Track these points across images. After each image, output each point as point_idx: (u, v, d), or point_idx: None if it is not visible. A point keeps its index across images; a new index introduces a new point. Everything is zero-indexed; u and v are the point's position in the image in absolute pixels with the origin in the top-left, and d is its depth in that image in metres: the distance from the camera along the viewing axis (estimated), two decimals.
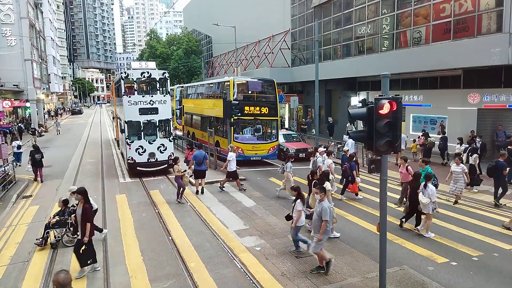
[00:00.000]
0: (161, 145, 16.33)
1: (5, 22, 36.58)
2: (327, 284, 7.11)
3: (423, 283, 6.97)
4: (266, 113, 18.79)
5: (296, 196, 8.39)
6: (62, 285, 4.06)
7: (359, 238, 9.49)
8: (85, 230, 7.42)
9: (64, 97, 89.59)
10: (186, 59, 57.36)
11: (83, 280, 7.49)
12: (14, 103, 33.49)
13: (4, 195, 13.91)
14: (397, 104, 5.78)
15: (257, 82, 19.50)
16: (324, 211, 7.20)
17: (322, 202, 7.38)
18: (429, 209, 9.40)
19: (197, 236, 9.59)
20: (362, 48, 23.75)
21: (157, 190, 14.30)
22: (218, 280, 7.33)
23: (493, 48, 15.45)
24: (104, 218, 11.22)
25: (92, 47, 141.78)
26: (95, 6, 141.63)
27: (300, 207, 8.21)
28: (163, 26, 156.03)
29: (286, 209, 11.74)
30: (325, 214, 7.20)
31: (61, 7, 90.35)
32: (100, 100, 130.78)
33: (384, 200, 6.31)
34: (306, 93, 32.26)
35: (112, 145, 26.90)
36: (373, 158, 6.24)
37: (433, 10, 18.40)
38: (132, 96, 16.00)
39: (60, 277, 4.09)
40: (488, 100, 17.96)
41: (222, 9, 47.97)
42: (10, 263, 8.36)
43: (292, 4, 31.63)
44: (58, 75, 68.89)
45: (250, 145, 18.61)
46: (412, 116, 22.11)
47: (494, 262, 8.07)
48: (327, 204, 7.36)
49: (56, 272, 4.29)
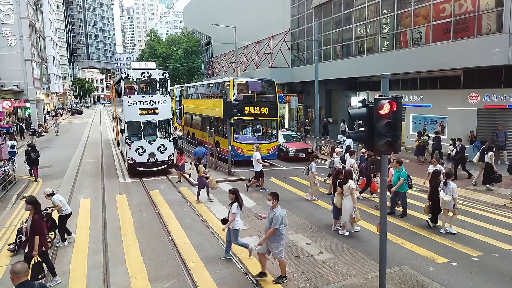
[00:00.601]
0: (161, 145, 16.33)
1: (5, 22, 36.59)
2: (327, 284, 7.11)
3: (423, 283, 6.97)
4: (266, 113, 18.81)
5: (233, 199, 8.09)
6: (17, 273, 4.32)
7: (359, 238, 9.48)
8: (33, 243, 6.94)
9: (64, 97, 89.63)
10: (186, 59, 57.37)
11: (83, 280, 7.49)
12: (14, 103, 33.45)
13: (4, 195, 13.90)
14: (397, 104, 5.78)
15: (257, 82, 19.51)
16: (275, 219, 6.94)
17: (274, 209, 7.11)
18: (450, 205, 9.57)
19: (197, 236, 9.59)
20: (362, 48, 23.76)
21: (157, 190, 14.30)
22: (218, 280, 7.33)
23: (493, 48, 15.45)
24: (104, 218, 11.23)
25: (92, 47, 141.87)
26: (95, 6, 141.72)
27: (235, 210, 7.93)
28: (163, 26, 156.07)
29: (286, 209, 11.71)
30: (275, 221, 6.92)
31: (61, 7, 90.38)
32: (100, 100, 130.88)
33: (384, 200, 6.31)
34: (306, 93, 32.26)
35: (112, 145, 26.91)
36: (373, 158, 6.24)
37: (433, 10, 18.41)
38: (132, 96, 16.00)
39: (16, 266, 4.38)
40: (488, 100, 17.96)
41: (222, 9, 47.98)
42: (10, 263, 8.35)
43: (292, 4, 31.63)
44: (58, 75, 68.89)
45: (250, 145, 18.59)
46: (412, 116, 22.11)
47: (494, 262, 8.07)
48: (279, 211, 7.08)
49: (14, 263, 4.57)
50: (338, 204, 9.76)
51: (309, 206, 12.25)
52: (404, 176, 10.85)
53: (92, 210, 12.05)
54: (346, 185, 9.54)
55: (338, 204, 9.76)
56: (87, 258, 8.50)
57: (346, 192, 9.56)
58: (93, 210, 12.09)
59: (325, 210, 11.72)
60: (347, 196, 9.54)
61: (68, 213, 9.36)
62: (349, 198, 9.49)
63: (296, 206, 12.16)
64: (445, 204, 9.57)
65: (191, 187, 14.87)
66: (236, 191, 8.34)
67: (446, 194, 9.52)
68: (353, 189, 9.56)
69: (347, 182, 9.54)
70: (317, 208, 11.98)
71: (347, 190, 9.53)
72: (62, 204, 9.19)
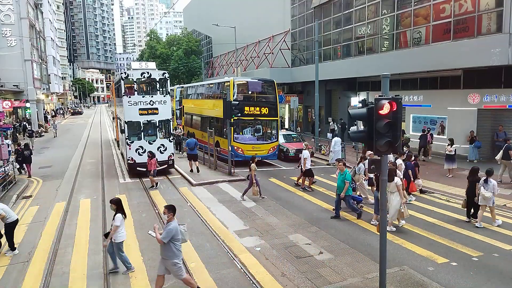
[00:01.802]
0: (161, 145, 16.33)
1: (5, 22, 36.57)
2: (327, 285, 7.11)
3: (423, 284, 6.97)
4: (266, 114, 18.80)
5: (115, 210, 7.62)
6: None
7: (359, 238, 9.48)
8: None
9: (64, 98, 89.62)
10: (186, 60, 57.36)
11: (83, 280, 7.49)
12: (14, 104, 33.48)
13: (4, 195, 13.90)
14: (397, 104, 5.78)
15: (257, 83, 19.50)
16: (167, 232, 6.36)
17: (169, 222, 6.51)
18: (490, 202, 9.92)
19: (197, 237, 9.59)
20: (362, 48, 23.75)
21: (157, 191, 14.30)
22: (218, 281, 7.33)
23: (493, 49, 15.44)
24: (104, 218, 11.23)
25: (92, 48, 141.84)
26: (95, 6, 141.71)
27: (118, 222, 7.47)
28: (163, 26, 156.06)
29: (286, 209, 11.77)
30: (165, 235, 6.37)
31: (61, 8, 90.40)
32: (100, 100, 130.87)
33: (384, 200, 6.31)
34: (306, 93, 32.25)
35: (112, 146, 26.91)
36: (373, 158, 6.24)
37: (433, 11, 18.40)
38: (132, 96, 16.00)
39: None
40: (488, 101, 17.96)
41: (222, 9, 47.97)
42: (10, 263, 8.36)
43: (292, 4, 31.62)
44: (58, 76, 68.89)
45: (250, 145, 18.61)
46: (412, 116, 22.11)
47: (494, 262, 8.07)
48: (174, 225, 6.47)
49: None
50: None
51: (309, 206, 12.25)
52: (349, 179, 10.85)
53: (92, 210, 12.06)
54: (392, 182, 9.79)
55: None
56: (87, 258, 8.50)
57: (392, 189, 9.82)
58: (93, 210, 12.10)
59: (325, 210, 11.72)
60: (394, 193, 9.82)
61: (13, 220, 8.85)
62: (396, 194, 9.81)
63: (296, 206, 12.16)
64: (485, 200, 9.96)
65: (191, 187, 14.88)
66: (118, 201, 7.74)
67: (487, 190, 9.90)
68: (400, 185, 9.84)
69: (393, 179, 9.78)
70: (317, 208, 11.98)
71: (394, 187, 9.81)
72: (5, 213, 8.71)
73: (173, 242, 6.48)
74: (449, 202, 12.68)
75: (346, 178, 10.81)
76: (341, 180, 10.88)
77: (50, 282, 7.47)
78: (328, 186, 14.75)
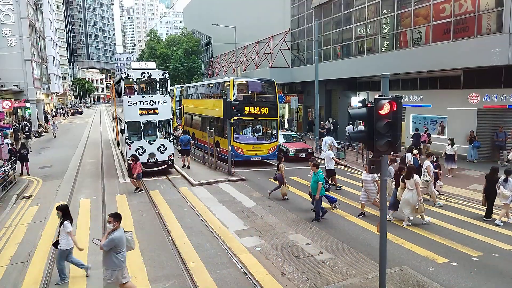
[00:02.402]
0: (161, 145, 16.33)
1: (5, 22, 36.59)
2: (327, 285, 7.11)
3: (423, 284, 6.97)
4: (266, 113, 18.79)
5: (62, 217, 7.34)
6: None
7: (359, 238, 9.49)
8: None
9: (64, 98, 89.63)
10: (186, 60, 57.35)
11: (83, 280, 7.49)
12: (14, 104, 33.49)
13: (4, 195, 13.91)
14: (397, 104, 5.78)
15: (257, 83, 19.49)
16: (108, 241, 6.04)
17: (114, 231, 6.16)
18: (508, 200, 10.20)
19: (197, 237, 9.59)
20: (362, 48, 23.75)
21: (157, 191, 14.30)
22: (218, 281, 7.33)
23: (493, 48, 15.44)
24: (104, 218, 11.21)
25: (92, 47, 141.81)
26: (95, 6, 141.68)
27: (70, 228, 7.22)
28: (163, 26, 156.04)
29: (286, 209, 11.77)
30: (107, 243, 6.04)
31: (61, 8, 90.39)
32: (100, 100, 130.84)
33: (384, 200, 6.31)
34: (306, 93, 32.25)
35: (112, 145, 26.90)
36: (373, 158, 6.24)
37: (433, 11, 18.39)
38: (132, 96, 15.99)
39: None
40: (488, 101, 17.96)
41: (222, 9, 47.96)
42: (10, 263, 8.36)
43: (292, 4, 31.61)
44: (58, 76, 68.90)
45: (250, 145, 18.61)
46: (412, 116, 22.11)
47: (494, 262, 8.07)
48: (118, 234, 6.15)
49: None
50: (400, 197, 10.51)
51: (309, 206, 12.22)
52: (321, 180, 10.68)
53: (92, 210, 12.06)
54: (411, 179, 10.13)
55: (400, 197, 10.51)
56: (87, 258, 8.49)
57: (411, 186, 10.12)
58: (93, 210, 12.09)
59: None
60: (411, 190, 10.11)
61: None
62: (414, 192, 10.07)
63: (296, 206, 12.16)
64: (504, 198, 10.25)
65: (191, 187, 14.88)
66: (64, 207, 7.50)
67: (506, 189, 10.21)
68: (418, 183, 10.20)
69: (412, 177, 10.13)
70: None
71: (413, 185, 10.10)
72: None
73: (114, 253, 6.11)
74: (449, 202, 12.68)
75: (319, 179, 10.60)
76: (314, 180, 10.73)
77: (50, 282, 7.47)
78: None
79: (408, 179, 10.21)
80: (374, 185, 10.89)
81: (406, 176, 10.31)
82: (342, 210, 11.70)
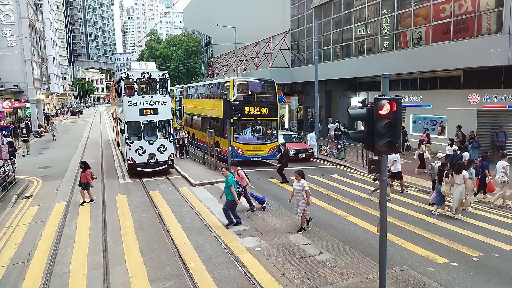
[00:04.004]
0: (161, 145, 16.33)
1: (5, 22, 36.57)
2: (327, 285, 7.11)
3: (423, 284, 6.97)
4: (266, 114, 18.76)
5: None
6: None
7: (359, 238, 9.48)
8: None
9: (64, 98, 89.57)
10: (186, 60, 57.37)
11: (83, 281, 7.49)
12: (14, 104, 33.51)
13: (4, 195, 13.91)
14: (397, 104, 5.78)
15: (257, 83, 19.50)
16: None
17: None
18: None
19: (197, 237, 9.59)
20: (362, 48, 23.76)
21: (157, 191, 14.30)
22: (218, 281, 7.33)
23: (493, 49, 15.44)
24: (104, 218, 11.23)
25: (92, 48, 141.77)
26: (95, 6, 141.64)
27: None
28: (163, 26, 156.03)
29: (286, 209, 11.76)
30: None
31: (61, 8, 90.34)
32: (100, 100, 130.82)
33: (384, 200, 6.31)
34: (306, 93, 32.27)
35: (112, 146, 26.90)
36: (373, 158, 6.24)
37: (433, 11, 18.41)
38: (132, 96, 16.00)
39: None
40: (488, 101, 17.96)
41: (222, 9, 47.98)
42: (10, 263, 8.37)
43: (292, 4, 31.63)
44: (58, 76, 68.87)
45: (250, 145, 18.59)
46: (412, 116, 22.12)
47: (494, 262, 8.07)
48: None
49: None
50: (445, 192, 11.01)
51: (309, 206, 12.21)
52: (231, 183, 10.18)
53: (92, 210, 12.05)
54: (460, 175, 10.60)
55: (445, 192, 11.01)
56: (87, 258, 8.50)
57: (460, 181, 10.61)
58: (93, 210, 12.09)
59: (325, 210, 11.72)
60: (460, 185, 10.58)
61: None
62: (462, 186, 10.56)
63: None
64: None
65: (191, 187, 14.88)
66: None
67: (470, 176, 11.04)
68: (467, 178, 10.75)
69: (462, 172, 10.62)
70: (317, 209, 11.96)
71: (461, 180, 10.60)
72: None
73: None
74: (449, 202, 12.66)
75: (229, 182, 10.17)
76: (225, 185, 10.25)
77: (50, 282, 7.47)
78: (328, 186, 14.75)
79: (457, 174, 10.70)
80: (303, 195, 9.63)
81: (456, 171, 10.76)
82: (342, 210, 11.70)
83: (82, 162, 13.09)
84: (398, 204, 12.33)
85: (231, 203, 10.27)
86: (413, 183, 15.36)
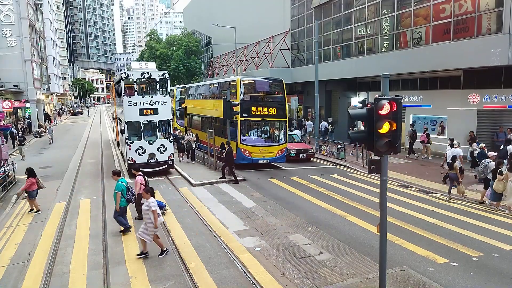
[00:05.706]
0: (161, 145, 16.32)
1: (5, 22, 36.57)
2: (327, 285, 7.11)
3: (423, 284, 6.97)
4: (274, 114, 17.91)
5: None
6: None
7: (359, 238, 9.48)
8: None
9: (64, 98, 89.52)
10: (186, 60, 57.39)
11: (83, 281, 7.49)
12: (14, 104, 33.50)
13: (4, 195, 13.90)
14: (397, 104, 5.79)
15: (265, 82, 18.97)
16: None
17: None
18: None
19: (197, 237, 9.59)
20: (362, 48, 23.76)
21: (157, 191, 14.16)
22: (218, 281, 7.33)
23: (493, 49, 15.44)
24: (104, 218, 11.23)
25: (92, 48, 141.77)
26: (95, 6, 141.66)
27: None
28: (163, 26, 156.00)
29: (286, 209, 11.77)
30: None
31: (61, 8, 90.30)
32: (100, 101, 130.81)
33: (384, 200, 6.30)
34: (306, 93, 32.26)
35: (112, 146, 26.89)
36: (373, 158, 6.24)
37: (433, 11, 18.41)
38: (132, 96, 15.99)
39: None
40: (488, 101, 17.96)
41: (222, 9, 47.99)
42: (10, 263, 8.36)
43: (292, 4, 31.63)
44: (58, 76, 68.85)
45: (258, 147, 17.75)
46: (412, 116, 22.11)
47: (494, 262, 8.07)
48: None
49: None
50: (497, 189, 11.35)
51: (309, 206, 12.24)
52: (119, 189, 9.58)
53: (92, 210, 12.06)
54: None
55: (497, 189, 11.35)
56: (87, 258, 8.50)
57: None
58: (93, 210, 12.10)
59: (325, 210, 11.73)
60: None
61: None
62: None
63: (296, 207, 12.16)
64: None
65: (191, 187, 14.88)
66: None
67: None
68: None
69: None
70: (317, 209, 11.97)
71: None
72: None
73: None
74: (449, 202, 12.68)
75: (116, 188, 9.61)
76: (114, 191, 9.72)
77: (50, 282, 7.47)
78: (328, 186, 14.76)
79: (510, 171, 11.13)
80: (150, 216, 8.20)
81: (510, 168, 11.17)
82: (342, 210, 11.70)
83: (27, 169, 11.98)
84: (398, 204, 12.33)
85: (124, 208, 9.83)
86: (413, 183, 15.36)
